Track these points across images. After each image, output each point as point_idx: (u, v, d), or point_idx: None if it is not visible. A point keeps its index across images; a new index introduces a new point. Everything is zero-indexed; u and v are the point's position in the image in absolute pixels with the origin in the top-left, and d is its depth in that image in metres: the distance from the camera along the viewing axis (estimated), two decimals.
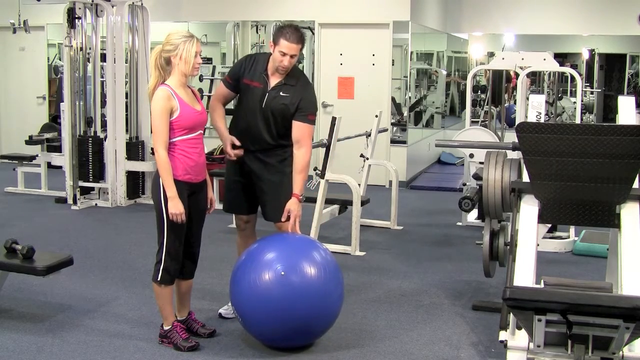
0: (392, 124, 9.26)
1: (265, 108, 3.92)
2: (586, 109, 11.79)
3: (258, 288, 3.52)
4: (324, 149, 5.79)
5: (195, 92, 3.80)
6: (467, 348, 3.83)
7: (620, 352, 2.86)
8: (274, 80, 3.93)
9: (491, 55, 11.53)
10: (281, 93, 3.91)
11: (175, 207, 3.56)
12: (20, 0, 8.54)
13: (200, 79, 10.50)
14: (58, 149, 8.00)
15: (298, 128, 3.91)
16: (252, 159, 4.01)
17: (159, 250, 3.67)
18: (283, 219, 3.91)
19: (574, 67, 10.59)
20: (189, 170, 3.64)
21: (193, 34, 3.68)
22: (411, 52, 9.49)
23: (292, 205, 3.90)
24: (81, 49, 7.39)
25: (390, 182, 7.07)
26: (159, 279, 3.67)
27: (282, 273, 3.51)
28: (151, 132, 3.75)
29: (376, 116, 6.69)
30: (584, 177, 3.34)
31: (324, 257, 3.69)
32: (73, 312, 4.29)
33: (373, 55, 9.00)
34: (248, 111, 3.98)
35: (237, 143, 3.97)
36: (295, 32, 3.86)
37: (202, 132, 3.74)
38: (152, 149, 4.07)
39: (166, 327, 3.77)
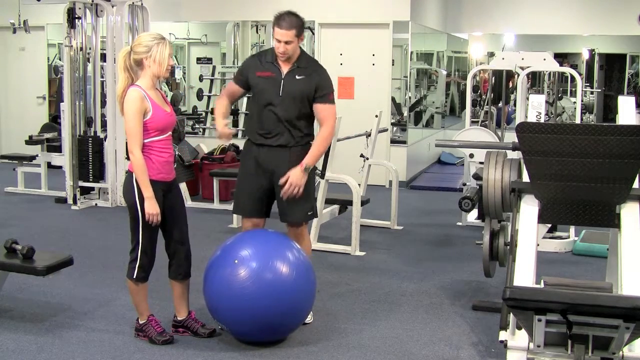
0: (392, 124, 9.26)
1: (284, 95, 3.92)
2: (586, 109, 11.79)
3: (230, 284, 3.60)
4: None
5: (163, 94, 3.84)
6: (467, 348, 3.83)
7: (620, 352, 2.86)
8: (285, 67, 3.95)
9: (491, 55, 11.54)
10: (296, 76, 3.93)
11: (152, 208, 3.60)
12: (20, 0, 8.53)
13: (200, 79, 10.51)
14: (58, 149, 8.00)
15: (321, 110, 3.95)
16: (271, 156, 3.97)
17: (133, 248, 3.71)
18: (280, 182, 3.88)
19: (574, 67, 10.60)
20: (161, 170, 3.67)
21: (164, 36, 3.69)
22: (411, 52, 9.49)
23: (294, 172, 3.87)
24: (81, 49, 7.39)
25: (390, 182, 7.07)
26: (134, 277, 3.72)
27: (236, 261, 3.59)
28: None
29: (376, 116, 6.69)
30: (584, 177, 3.34)
31: (297, 257, 3.75)
32: (73, 312, 4.29)
33: (373, 55, 9.00)
34: (266, 103, 3.95)
35: (231, 128, 4.07)
36: (287, 18, 3.91)
37: (171, 133, 3.77)
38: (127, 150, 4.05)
39: (141, 321, 3.84)
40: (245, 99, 8.60)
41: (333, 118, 4.00)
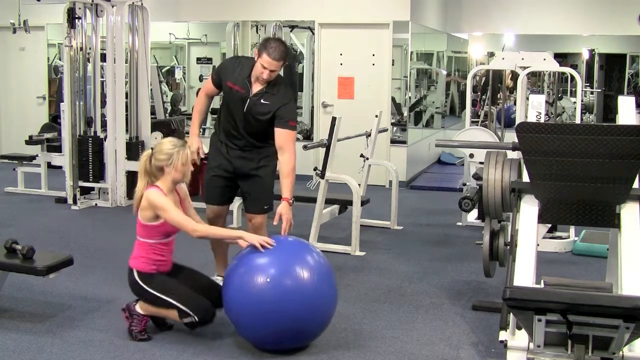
0: (392, 124, 9.26)
1: (247, 113, 4.07)
2: (586, 109, 11.80)
3: (250, 291, 3.52)
4: (324, 149, 5.79)
5: (180, 194, 3.87)
6: (467, 348, 3.83)
7: (620, 352, 2.86)
8: (256, 88, 4.05)
9: (491, 55, 11.54)
10: (262, 100, 4.03)
11: (253, 238, 3.67)
12: (20, 0, 8.53)
13: (200, 79, 10.51)
14: (58, 149, 7.98)
15: (280, 134, 4.01)
16: (235, 156, 4.21)
17: (179, 314, 3.72)
18: (275, 222, 3.98)
19: (574, 67, 10.60)
20: (158, 265, 3.76)
21: (185, 142, 3.80)
22: (411, 52, 9.49)
23: (283, 209, 3.94)
24: (81, 49, 7.39)
25: (390, 182, 7.07)
26: (191, 325, 3.77)
27: (268, 279, 3.49)
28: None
29: (376, 116, 6.69)
30: (584, 177, 3.34)
31: (317, 260, 3.67)
32: (73, 312, 4.29)
33: (373, 55, 9.00)
34: (232, 113, 4.17)
35: (202, 154, 4.31)
36: (279, 47, 3.92)
37: (175, 236, 3.82)
38: None
39: (139, 310, 3.84)
40: None
41: (292, 144, 4.03)
